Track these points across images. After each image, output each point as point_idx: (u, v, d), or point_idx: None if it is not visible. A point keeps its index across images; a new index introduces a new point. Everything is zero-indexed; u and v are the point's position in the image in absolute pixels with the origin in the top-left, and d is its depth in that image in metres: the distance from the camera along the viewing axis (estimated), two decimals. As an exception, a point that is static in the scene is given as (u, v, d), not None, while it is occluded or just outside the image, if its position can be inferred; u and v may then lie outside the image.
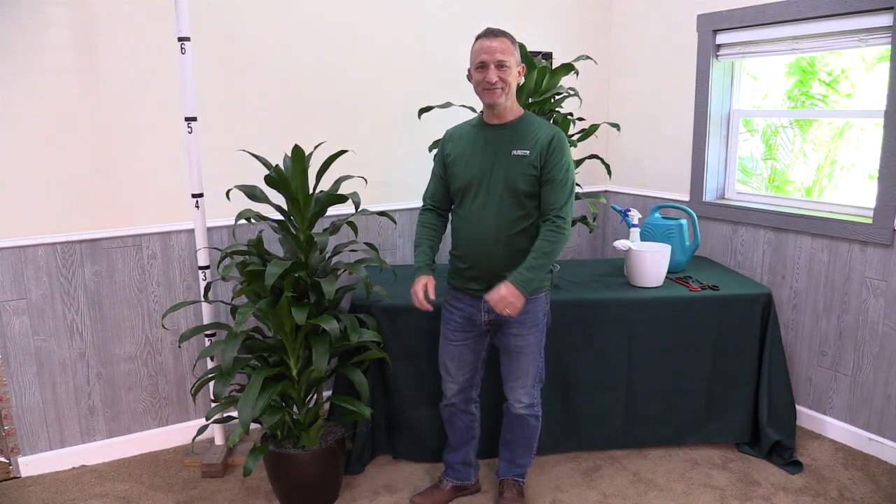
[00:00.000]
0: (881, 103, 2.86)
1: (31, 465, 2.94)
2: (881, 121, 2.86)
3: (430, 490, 2.74)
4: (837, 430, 3.17)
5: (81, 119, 2.81)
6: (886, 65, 2.84)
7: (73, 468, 3.01)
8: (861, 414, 3.08)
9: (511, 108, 2.34)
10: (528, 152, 2.28)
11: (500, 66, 2.23)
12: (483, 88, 2.27)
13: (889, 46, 2.80)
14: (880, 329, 2.97)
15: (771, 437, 2.96)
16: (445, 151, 2.46)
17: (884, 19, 2.80)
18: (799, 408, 3.28)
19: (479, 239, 2.35)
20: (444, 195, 2.51)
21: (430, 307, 2.43)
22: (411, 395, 2.90)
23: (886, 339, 2.95)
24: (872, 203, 2.94)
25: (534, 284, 2.28)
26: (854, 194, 4.04)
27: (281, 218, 2.67)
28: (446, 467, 2.75)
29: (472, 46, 2.29)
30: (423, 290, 2.42)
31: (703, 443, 3.12)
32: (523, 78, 2.41)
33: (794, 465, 2.93)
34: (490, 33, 2.26)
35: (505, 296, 2.23)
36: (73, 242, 2.87)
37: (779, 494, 2.76)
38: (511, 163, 2.29)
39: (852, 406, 3.12)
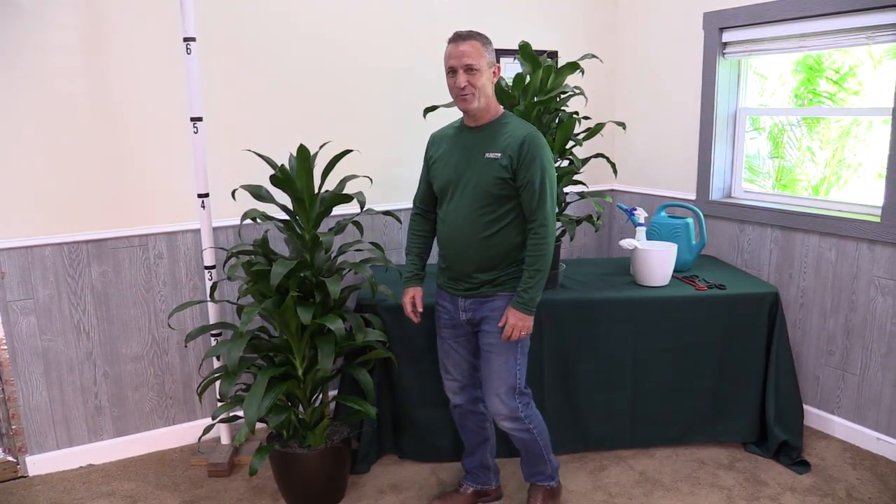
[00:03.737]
0: (889, 101, 2.84)
1: (38, 464, 2.95)
2: (889, 118, 2.84)
3: (451, 494, 2.70)
4: (845, 429, 3.16)
5: (87, 119, 2.82)
6: (894, 62, 2.82)
7: (81, 467, 3.02)
8: (869, 413, 3.07)
9: (487, 109, 2.29)
10: (499, 155, 2.24)
11: (469, 69, 2.18)
12: (455, 94, 2.25)
13: (897, 44, 2.79)
14: (888, 328, 2.95)
15: (778, 436, 2.95)
16: (429, 154, 2.49)
17: (891, 16, 2.79)
18: (806, 407, 3.27)
19: (453, 240, 2.36)
20: (430, 198, 2.53)
21: (417, 318, 2.57)
22: (417, 395, 2.90)
23: (894, 338, 2.93)
24: (880, 201, 2.93)
25: (537, 299, 2.30)
26: (862, 193, 4.01)
27: (286, 218, 2.67)
28: (465, 472, 2.71)
29: (445, 51, 2.26)
30: (411, 302, 2.55)
31: (710, 442, 3.11)
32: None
33: (801, 465, 2.92)
34: (458, 37, 2.22)
35: (513, 324, 2.30)
36: (79, 242, 2.89)
37: (786, 494, 2.75)
38: (483, 165, 2.26)
39: (860, 406, 3.10)
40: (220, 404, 2.57)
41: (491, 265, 2.33)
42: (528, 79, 2.83)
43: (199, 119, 2.80)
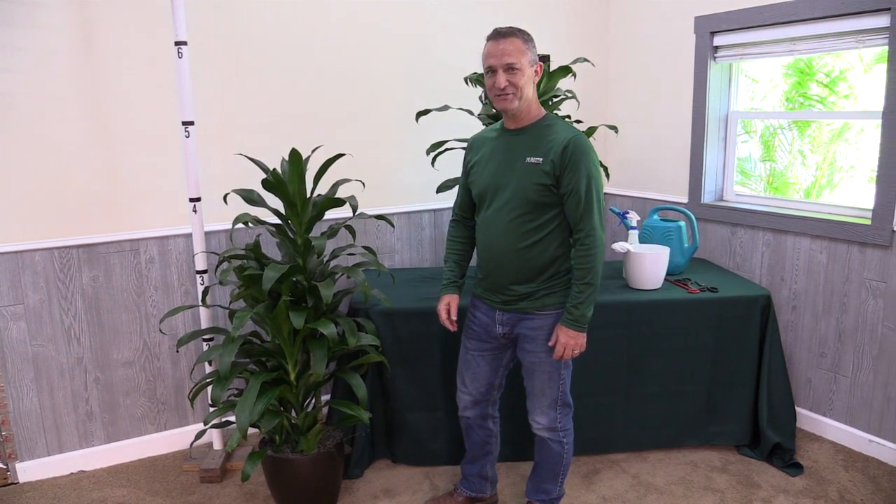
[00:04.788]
0: (879, 104, 2.86)
1: (28, 470, 2.93)
2: (879, 122, 2.86)
3: (445, 498, 2.69)
4: (837, 431, 3.17)
5: (79, 123, 2.80)
6: (884, 66, 2.83)
7: (71, 474, 3.00)
8: (861, 415, 3.08)
9: (529, 111, 2.18)
10: (541, 160, 2.12)
11: (510, 69, 2.07)
12: (494, 95, 2.13)
13: (886, 47, 2.80)
14: (879, 330, 2.96)
15: (771, 439, 2.96)
16: (467, 158, 2.37)
17: (881, 20, 2.80)
18: (799, 409, 3.28)
19: (490, 249, 2.26)
20: (469, 204, 2.42)
21: (453, 327, 2.46)
22: (410, 399, 2.89)
23: (886, 340, 2.95)
24: (871, 204, 2.94)
25: (588, 315, 2.20)
26: (853, 195, 4.03)
27: (278, 222, 2.66)
28: (462, 477, 2.68)
29: (484, 49, 2.15)
30: (446, 310, 2.44)
31: (703, 445, 3.12)
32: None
33: (794, 468, 2.93)
34: (498, 34, 2.10)
35: (565, 343, 2.20)
36: (70, 247, 2.87)
37: (779, 497, 2.75)
38: (524, 171, 2.15)
39: (852, 408, 3.11)
40: (212, 409, 2.56)
41: (529, 277, 2.23)
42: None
43: (191, 123, 2.79)
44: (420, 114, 3.02)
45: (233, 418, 3.04)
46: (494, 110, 2.89)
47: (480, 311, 2.40)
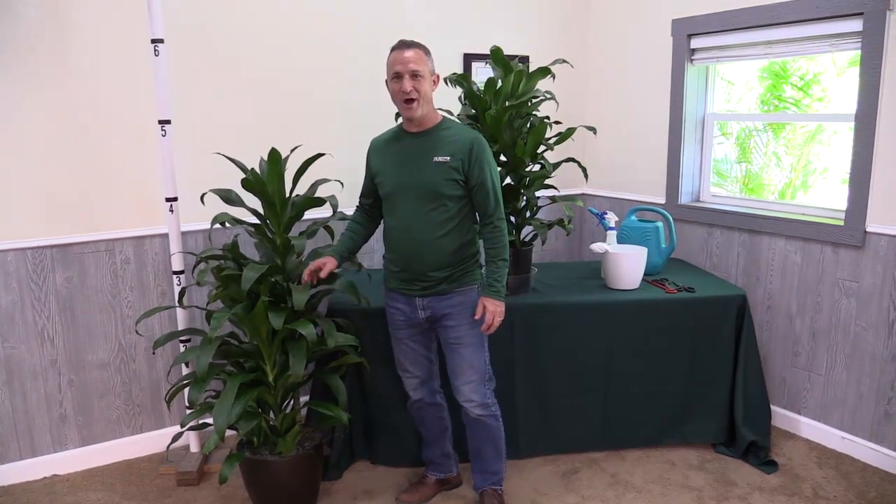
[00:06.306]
0: (852, 107, 2.90)
1: (0, 475, 2.87)
2: (852, 124, 2.90)
3: (416, 486, 2.78)
4: (811, 429, 3.21)
5: (53, 122, 2.76)
6: (857, 69, 2.88)
7: (45, 478, 2.95)
8: (834, 413, 3.13)
9: (428, 115, 2.40)
10: (448, 158, 2.35)
11: (414, 76, 2.29)
12: (400, 99, 2.34)
13: (859, 51, 2.85)
14: (852, 329, 3.01)
15: (746, 437, 2.99)
16: (370, 158, 2.56)
17: (854, 24, 2.85)
18: (773, 408, 3.32)
19: (408, 243, 2.43)
20: (374, 195, 2.59)
21: (309, 277, 2.46)
22: (389, 400, 2.88)
23: (858, 339, 2.99)
24: (844, 205, 2.99)
25: (505, 287, 2.44)
26: (826, 197, 4.10)
27: (257, 222, 2.64)
28: (428, 463, 2.79)
29: (388, 58, 2.36)
30: (320, 265, 2.46)
31: (680, 444, 3.14)
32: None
33: (769, 465, 2.96)
34: (403, 45, 2.33)
35: (493, 311, 2.40)
36: (43, 248, 2.82)
37: (755, 494, 2.78)
38: (433, 169, 2.36)
39: (825, 406, 3.16)
40: (189, 412, 2.53)
41: (446, 263, 2.42)
42: (499, 83, 2.84)
43: (168, 122, 2.76)
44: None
45: (210, 420, 3.00)
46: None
47: (400, 302, 2.54)
